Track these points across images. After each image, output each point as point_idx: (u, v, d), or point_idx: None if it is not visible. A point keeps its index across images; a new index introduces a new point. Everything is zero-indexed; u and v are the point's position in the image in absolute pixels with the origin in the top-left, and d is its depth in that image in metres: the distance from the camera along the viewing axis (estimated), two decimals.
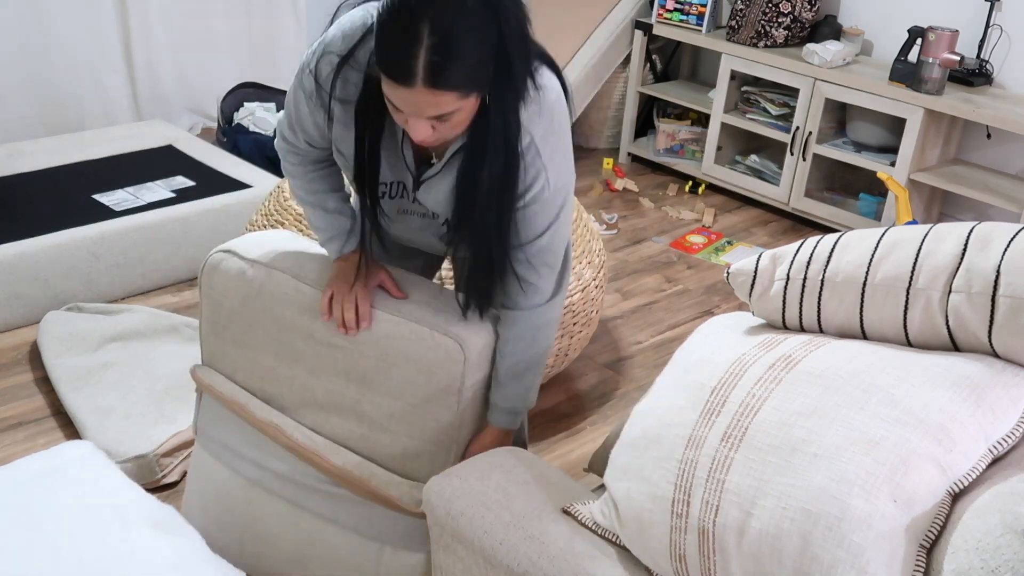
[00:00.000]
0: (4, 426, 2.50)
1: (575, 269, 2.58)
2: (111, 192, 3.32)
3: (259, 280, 1.72)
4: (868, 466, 1.12)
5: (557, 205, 1.53)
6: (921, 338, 1.31)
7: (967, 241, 1.27)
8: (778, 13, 3.96)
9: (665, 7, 4.31)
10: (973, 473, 1.15)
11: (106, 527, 1.54)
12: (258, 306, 1.73)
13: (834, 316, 1.37)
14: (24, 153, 3.58)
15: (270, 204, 2.64)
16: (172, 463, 2.33)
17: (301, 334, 1.69)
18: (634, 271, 3.58)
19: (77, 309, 2.92)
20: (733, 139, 4.29)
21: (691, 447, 1.24)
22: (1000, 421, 1.18)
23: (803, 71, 3.82)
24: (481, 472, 1.49)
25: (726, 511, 1.18)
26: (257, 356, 1.77)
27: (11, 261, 2.87)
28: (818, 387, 1.22)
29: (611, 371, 2.91)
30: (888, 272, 1.31)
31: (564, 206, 1.55)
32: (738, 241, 3.91)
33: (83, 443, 1.75)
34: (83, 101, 4.27)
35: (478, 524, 1.40)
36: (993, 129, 3.72)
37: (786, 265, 1.42)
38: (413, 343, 1.61)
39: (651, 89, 4.54)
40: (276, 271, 1.72)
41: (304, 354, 1.70)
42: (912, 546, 1.11)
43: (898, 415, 1.15)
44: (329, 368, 1.68)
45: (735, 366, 1.30)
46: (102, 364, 2.63)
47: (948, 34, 3.43)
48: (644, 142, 4.67)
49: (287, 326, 1.71)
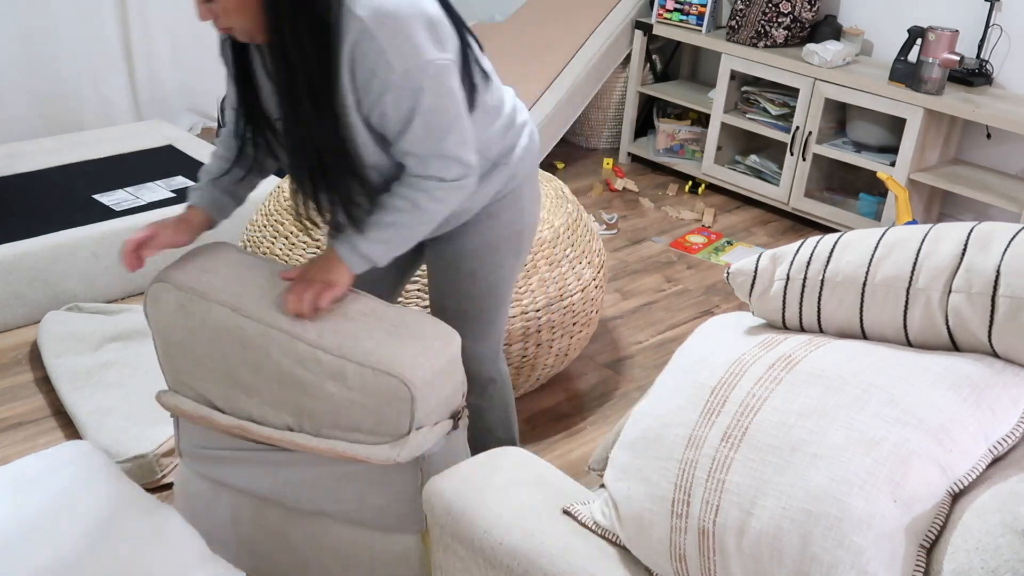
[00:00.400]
0: (4, 426, 2.50)
1: (575, 269, 2.58)
2: (111, 192, 3.32)
3: (200, 315, 1.65)
4: (868, 466, 1.12)
5: (412, 88, 1.51)
6: (921, 338, 1.31)
7: (967, 241, 1.27)
8: (778, 13, 3.96)
9: (665, 7, 4.31)
10: (973, 473, 1.15)
11: (105, 527, 1.54)
12: (204, 340, 1.67)
13: (834, 316, 1.37)
14: (24, 153, 3.58)
15: (270, 204, 2.64)
16: (172, 463, 2.33)
17: (249, 368, 1.64)
18: (634, 271, 3.58)
19: (77, 309, 2.92)
20: (733, 139, 4.29)
21: (691, 447, 1.24)
22: (1000, 421, 1.18)
23: (803, 71, 3.82)
24: (481, 472, 1.49)
25: (726, 511, 1.18)
26: (212, 385, 1.72)
27: (11, 261, 2.87)
28: (818, 387, 1.22)
29: (611, 371, 2.91)
30: (888, 272, 1.31)
31: (424, 89, 1.52)
32: (738, 241, 3.91)
33: (82, 443, 1.75)
34: (83, 101, 4.27)
35: (478, 524, 1.40)
36: (993, 129, 3.72)
37: (786, 265, 1.42)
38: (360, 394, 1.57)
39: (651, 89, 4.54)
40: (216, 305, 1.64)
41: (256, 388, 1.66)
42: (912, 546, 1.11)
43: (898, 415, 1.15)
44: (282, 403, 1.65)
45: (735, 366, 1.30)
46: (102, 364, 2.63)
47: (948, 34, 3.43)
48: (644, 142, 4.68)
49: (234, 362, 1.65)
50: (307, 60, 1.47)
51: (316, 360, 1.57)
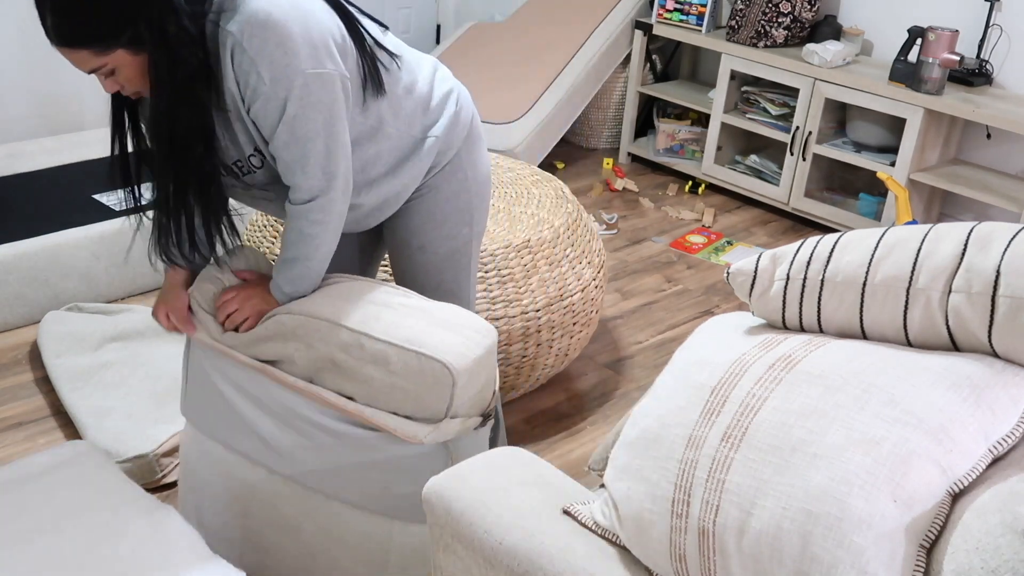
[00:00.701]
0: (4, 426, 2.50)
1: (575, 269, 2.58)
2: (111, 192, 3.32)
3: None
4: (868, 466, 1.12)
5: (280, 98, 1.55)
6: (921, 338, 1.31)
7: (967, 241, 1.27)
8: (778, 13, 3.96)
9: (665, 7, 4.31)
10: (973, 473, 1.15)
11: (105, 526, 1.54)
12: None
13: (834, 316, 1.37)
14: (24, 153, 3.58)
15: None
16: (172, 463, 2.33)
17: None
18: (634, 271, 3.58)
19: (77, 309, 2.92)
20: (733, 139, 4.29)
21: (691, 447, 1.24)
22: (1000, 421, 1.18)
23: (803, 71, 3.82)
24: (481, 472, 1.49)
25: (726, 511, 1.18)
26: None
27: (11, 261, 2.87)
28: (818, 387, 1.22)
29: (611, 371, 2.91)
30: (888, 272, 1.31)
31: (289, 98, 1.55)
32: (738, 241, 3.91)
33: (81, 443, 1.76)
34: (83, 101, 4.27)
35: (478, 524, 1.40)
36: (993, 129, 3.72)
37: (786, 265, 1.42)
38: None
39: (651, 89, 4.54)
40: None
41: (291, 370, 1.73)
42: (912, 546, 1.11)
43: (898, 415, 1.15)
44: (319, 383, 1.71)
45: (735, 366, 1.30)
46: (102, 364, 2.63)
47: (948, 34, 3.43)
48: (644, 142, 4.68)
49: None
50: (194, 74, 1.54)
51: (359, 345, 1.63)
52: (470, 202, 1.88)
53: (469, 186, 1.87)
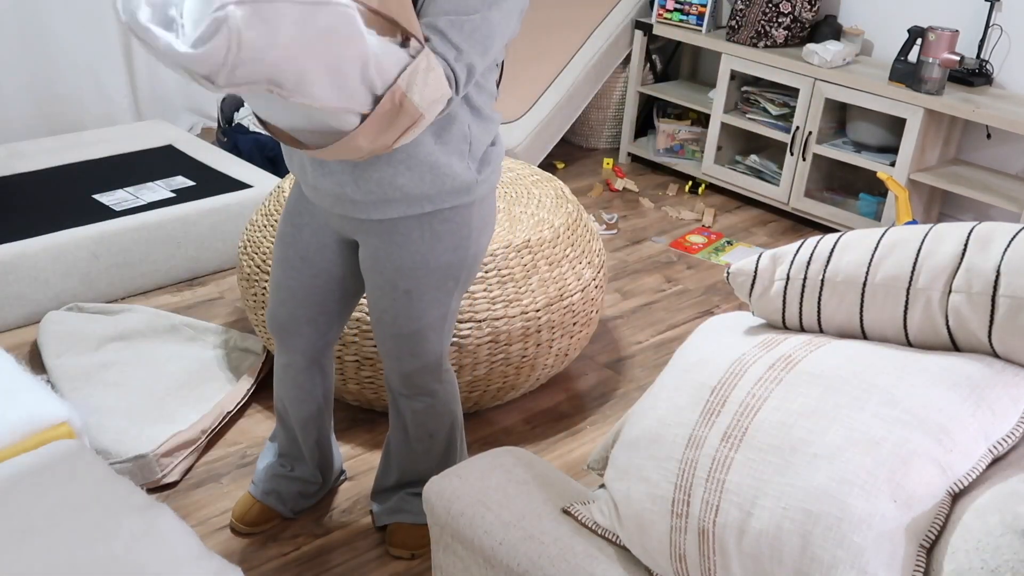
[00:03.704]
0: None
1: (575, 269, 2.58)
2: (111, 192, 3.31)
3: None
4: (868, 466, 1.12)
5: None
6: (921, 338, 1.31)
7: (967, 241, 1.27)
8: (778, 13, 3.96)
9: (665, 7, 4.31)
10: (973, 473, 1.15)
11: (97, 525, 1.54)
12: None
13: (834, 316, 1.37)
14: (24, 153, 3.58)
15: (270, 204, 2.64)
16: (172, 463, 2.33)
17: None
18: (634, 271, 3.58)
19: (77, 309, 2.92)
20: (733, 139, 4.29)
21: (691, 447, 1.25)
22: (1000, 421, 1.18)
23: (803, 71, 3.82)
24: (481, 472, 1.49)
25: (726, 511, 1.18)
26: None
27: (11, 261, 2.87)
28: (818, 387, 1.22)
29: (611, 371, 2.91)
30: (888, 272, 1.31)
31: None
32: (738, 241, 3.91)
33: (71, 442, 1.75)
34: (83, 101, 4.27)
35: (478, 524, 1.40)
36: (993, 129, 3.72)
37: (786, 265, 1.42)
38: None
39: (651, 89, 4.54)
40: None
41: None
42: (912, 546, 1.11)
43: (898, 415, 1.15)
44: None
45: (735, 366, 1.30)
46: (102, 364, 2.63)
47: (948, 34, 3.43)
48: (644, 142, 4.68)
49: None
50: None
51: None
52: (464, 261, 1.81)
53: (470, 245, 1.80)
